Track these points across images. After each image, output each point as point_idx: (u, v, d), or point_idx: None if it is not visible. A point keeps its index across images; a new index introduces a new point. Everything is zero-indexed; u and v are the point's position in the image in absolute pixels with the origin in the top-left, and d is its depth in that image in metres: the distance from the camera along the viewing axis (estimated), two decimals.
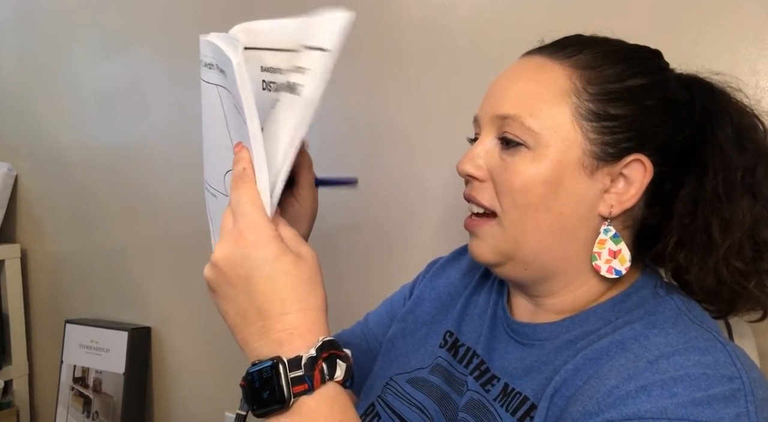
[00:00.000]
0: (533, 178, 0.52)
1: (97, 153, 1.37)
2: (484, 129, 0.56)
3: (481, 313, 0.64)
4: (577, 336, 0.53)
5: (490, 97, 0.57)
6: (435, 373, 0.62)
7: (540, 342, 0.56)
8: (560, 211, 0.53)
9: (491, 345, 0.60)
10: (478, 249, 0.57)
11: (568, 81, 0.53)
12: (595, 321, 0.54)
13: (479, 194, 0.56)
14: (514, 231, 0.54)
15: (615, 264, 0.53)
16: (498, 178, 0.54)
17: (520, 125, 0.53)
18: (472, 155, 0.56)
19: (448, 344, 0.64)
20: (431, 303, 0.71)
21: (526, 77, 0.55)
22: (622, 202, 0.53)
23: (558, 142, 0.52)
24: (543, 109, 0.53)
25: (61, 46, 1.41)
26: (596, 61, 0.54)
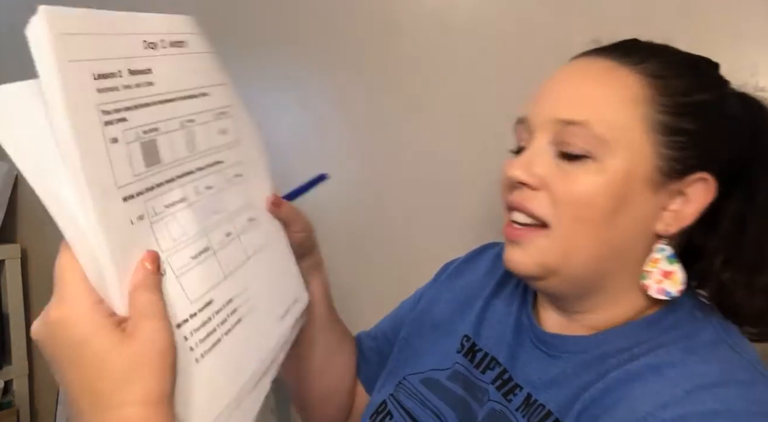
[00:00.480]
0: (599, 191, 0.48)
1: None
2: (537, 132, 0.52)
3: (502, 319, 0.62)
4: (607, 352, 0.51)
5: (547, 98, 0.53)
6: (453, 380, 0.60)
7: (568, 355, 0.53)
8: (620, 228, 0.49)
9: (515, 354, 0.58)
10: (520, 260, 0.52)
11: (640, 89, 0.49)
12: (628, 339, 0.51)
13: (531, 203, 0.51)
14: (566, 245, 0.50)
15: (666, 286, 0.50)
16: (556, 187, 0.50)
17: (588, 133, 0.48)
18: (525, 160, 0.51)
19: (465, 349, 0.62)
20: (447, 304, 0.68)
21: (593, 79, 0.51)
22: (680, 221, 0.50)
23: (628, 153, 0.48)
24: (614, 117, 0.49)
25: None
26: (665, 70, 0.50)
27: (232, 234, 0.48)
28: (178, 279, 0.40)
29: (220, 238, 0.46)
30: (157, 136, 0.40)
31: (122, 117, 0.37)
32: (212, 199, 0.46)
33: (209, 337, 0.42)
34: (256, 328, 0.48)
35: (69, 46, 0.34)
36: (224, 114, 0.49)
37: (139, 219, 0.38)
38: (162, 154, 0.41)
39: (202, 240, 0.43)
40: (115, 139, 0.36)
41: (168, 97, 0.42)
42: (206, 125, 0.46)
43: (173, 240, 0.41)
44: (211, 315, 0.42)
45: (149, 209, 0.39)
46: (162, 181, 0.41)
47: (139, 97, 0.39)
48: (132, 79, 0.38)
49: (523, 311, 0.60)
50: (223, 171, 0.48)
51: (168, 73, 0.42)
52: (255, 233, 0.51)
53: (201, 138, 0.45)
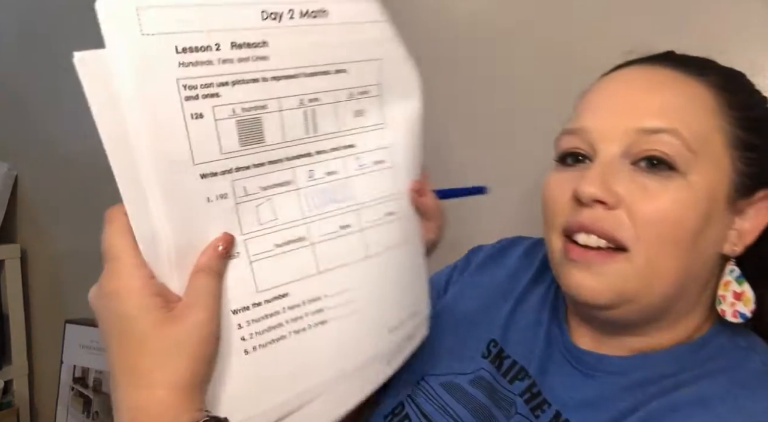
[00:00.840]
0: (687, 209, 0.44)
1: (97, 153, 1.36)
2: (604, 143, 0.47)
3: (532, 326, 0.58)
4: (648, 378, 0.47)
5: (615, 105, 0.48)
6: (477, 386, 0.56)
7: (603, 375, 0.50)
8: (701, 250, 0.46)
9: (544, 366, 0.54)
10: (595, 287, 0.46)
11: (713, 100, 0.46)
12: (672, 364, 0.47)
13: (609, 224, 0.45)
14: (651, 271, 0.45)
15: (739, 307, 0.47)
16: (638, 205, 0.45)
17: (678, 141, 0.44)
18: (600, 174, 0.46)
19: (491, 354, 0.58)
20: (472, 302, 0.64)
21: (666, 88, 0.47)
22: (743, 239, 0.47)
23: (712, 169, 0.45)
24: (699, 127, 0.45)
25: (61, 47, 1.41)
26: (727, 83, 0.48)
27: (352, 227, 0.44)
28: (251, 264, 0.39)
29: (330, 230, 0.42)
30: (262, 114, 0.38)
31: (213, 92, 0.36)
32: (334, 185, 0.43)
33: (270, 332, 0.39)
34: (348, 335, 0.44)
35: (144, 20, 0.33)
36: (365, 93, 0.44)
37: (221, 198, 0.37)
38: (267, 133, 0.38)
39: (297, 229, 0.41)
40: (199, 115, 0.35)
41: (286, 73, 0.38)
42: (336, 105, 0.42)
43: (259, 223, 0.39)
44: (281, 309, 0.40)
45: (238, 189, 0.38)
46: (262, 162, 0.39)
47: (243, 72, 0.36)
48: (235, 52, 0.36)
49: (554, 320, 0.57)
50: (355, 156, 0.44)
51: (291, 47, 0.38)
52: (389, 230, 0.46)
53: (327, 118, 0.41)
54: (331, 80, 0.41)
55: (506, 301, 0.61)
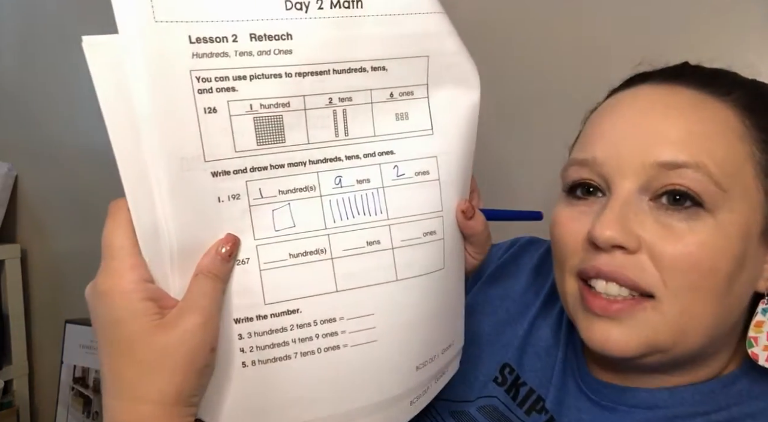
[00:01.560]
0: (718, 252, 0.39)
1: (97, 153, 1.37)
2: (620, 179, 0.41)
3: (549, 350, 0.52)
4: (677, 415, 0.43)
5: (629, 136, 0.42)
6: (488, 416, 0.51)
7: (626, 409, 0.45)
8: (738, 294, 0.41)
9: (561, 398, 0.49)
10: (623, 340, 0.41)
11: (741, 125, 0.41)
12: (702, 402, 0.43)
13: (634, 272, 0.40)
14: (684, 321, 0.40)
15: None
16: (662, 249, 0.40)
17: (703, 177, 0.39)
18: (614, 216, 0.40)
19: (507, 382, 0.52)
20: (484, 318, 0.58)
21: (687, 114, 0.41)
22: None
23: (744, 205, 0.40)
24: (726, 159, 0.40)
25: (61, 46, 1.41)
26: (753, 101, 0.43)
27: (381, 243, 0.39)
28: (260, 272, 0.36)
29: (356, 245, 0.38)
30: (284, 112, 0.35)
31: (229, 86, 0.33)
32: (364, 195, 0.38)
33: (273, 349, 0.36)
34: (363, 366, 0.39)
35: (157, 6, 0.31)
36: (409, 94, 0.39)
37: (233, 199, 0.35)
38: (289, 133, 0.35)
39: (317, 240, 0.37)
40: (212, 109, 0.33)
41: (313, 69, 0.35)
42: (373, 106, 0.38)
43: (275, 230, 0.36)
44: (288, 326, 0.36)
45: (252, 190, 0.35)
46: (282, 163, 0.36)
47: (263, 66, 0.34)
48: (255, 45, 0.33)
49: (571, 347, 0.51)
50: (393, 164, 0.39)
51: (319, 41, 0.35)
52: (426, 252, 0.40)
53: (361, 120, 0.37)
54: (366, 78, 0.37)
55: (522, 319, 0.56)
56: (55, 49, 1.42)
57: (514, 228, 0.82)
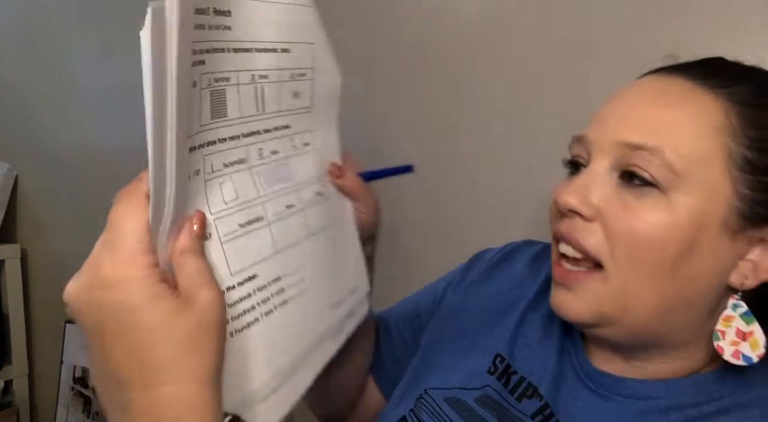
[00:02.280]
0: (666, 232, 0.42)
1: (97, 153, 1.37)
2: (598, 155, 0.46)
3: (542, 339, 0.55)
4: (670, 405, 0.45)
5: (614, 117, 0.46)
6: (484, 406, 0.53)
7: (621, 399, 0.47)
8: (690, 277, 0.43)
9: (557, 385, 0.51)
10: (572, 306, 0.46)
11: (723, 117, 0.43)
12: (695, 393, 0.45)
13: (584, 236, 0.44)
14: (626, 293, 0.43)
15: (744, 349, 0.43)
16: (614, 221, 0.43)
17: (659, 161, 0.42)
18: (580, 185, 0.45)
19: (498, 371, 0.55)
20: (476, 312, 0.61)
21: (669, 102, 0.45)
22: (759, 273, 0.43)
23: (703, 191, 0.42)
24: (690, 146, 0.42)
25: (61, 47, 1.41)
26: (757, 97, 0.44)
27: (295, 207, 0.44)
28: (222, 245, 0.37)
29: (279, 210, 0.42)
30: (226, 87, 0.36)
31: (202, 59, 0.33)
32: (277, 165, 0.42)
33: (245, 315, 0.38)
34: (302, 314, 0.43)
35: None
36: (302, 76, 0.44)
37: (195, 175, 0.35)
38: (229, 107, 0.37)
39: (255, 209, 0.40)
40: (194, 83, 0.33)
41: (244, 46, 0.37)
42: (279, 84, 0.41)
43: (224, 203, 0.37)
44: (252, 291, 0.39)
45: (207, 165, 0.36)
46: (225, 137, 0.37)
47: (218, 40, 0.34)
48: (215, 19, 0.34)
49: (568, 336, 0.54)
50: (290, 137, 0.44)
51: (249, 20, 0.37)
52: (321, 209, 0.47)
53: (271, 97, 0.40)
54: (278, 58, 0.40)
55: (513, 312, 0.59)
56: (55, 49, 1.42)
57: (515, 229, 0.82)
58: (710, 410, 0.44)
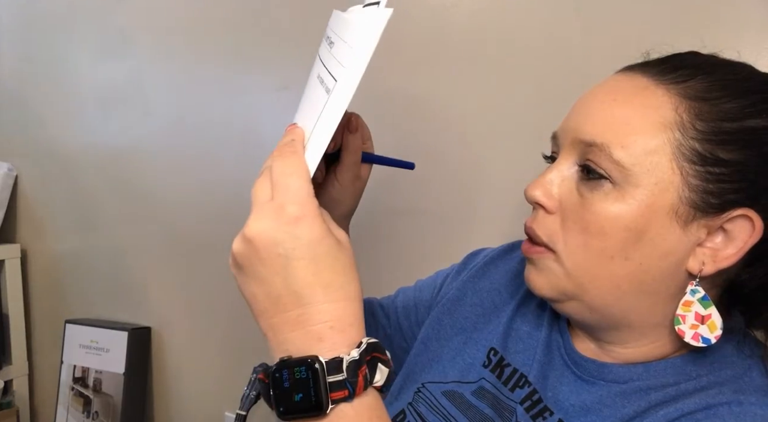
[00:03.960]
0: (614, 221, 0.45)
1: (97, 153, 1.37)
2: (564, 151, 0.49)
3: (532, 332, 0.58)
4: (650, 386, 0.48)
5: (575, 115, 0.50)
6: (480, 397, 0.56)
7: (604, 383, 0.50)
8: (641, 262, 0.46)
9: (545, 373, 0.54)
10: (536, 281, 0.51)
11: (672, 111, 0.45)
12: (674, 374, 0.48)
13: (540, 227, 0.49)
14: (579, 274, 0.47)
15: (703, 331, 0.45)
16: (570, 213, 0.48)
17: (607, 156, 0.45)
18: (544, 180, 0.49)
19: (492, 363, 0.58)
20: (472, 308, 0.64)
21: (620, 99, 0.47)
22: (718, 261, 0.45)
23: (650, 182, 0.44)
24: (637, 141, 0.45)
25: (61, 46, 1.41)
26: (711, 91, 0.45)
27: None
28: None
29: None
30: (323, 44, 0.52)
31: None
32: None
33: None
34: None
35: None
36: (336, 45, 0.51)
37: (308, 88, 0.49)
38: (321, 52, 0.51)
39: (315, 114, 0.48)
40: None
41: (326, 36, 0.51)
42: (332, 49, 0.50)
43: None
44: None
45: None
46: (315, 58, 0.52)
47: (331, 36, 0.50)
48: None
49: (555, 327, 0.57)
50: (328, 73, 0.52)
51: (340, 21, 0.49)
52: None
53: (331, 54, 0.50)
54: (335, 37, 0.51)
55: (506, 308, 0.61)
56: (55, 49, 1.42)
57: (514, 230, 0.82)
58: (688, 388, 0.46)
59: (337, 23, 0.50)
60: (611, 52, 0.61)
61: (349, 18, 0.47)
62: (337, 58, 0.46)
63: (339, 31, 0.49)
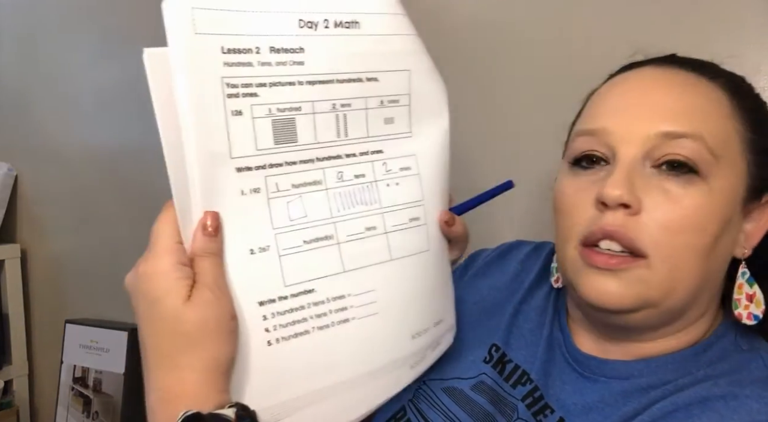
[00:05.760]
0: (709, 214, 0.44)
1: (97, 153, 1.37)
2: (624, 147, 0.46)
3: (534, 329, 0.58)
4: (651, 383, 0.47)
5: (633, 107, 0.47)
6: (479, 392, 0.56)
7: (605, 380, 0.50)
8: (720, 254, 0.46)
9: (547, 370, 0.53)
10: (619, 292, 0.45)
11: (729, 103, 0.46)
12: (674, 370, 0.48)
13: (632, 231, 0.44)
14: (673, 277, 0.44)
15: (753, 310, 0.47)
16: (659, 212, 0.44)
17: (701, 147, 0.44)
18: (624, 178, 0.44)
19: (494, 359, 0.57)
20: (473, 306, 0.63)
21: (687, 91, 0.46)
22: (750, 240, 0.48)
23: (731, 174, 0.45)
24: (720, 132, 0.45)
25: (61, 46, 1.41)
26: (736, 86, 0.48)
27: (377, 229, 0.45)
28: (280, 258, 0.40)
29: (357, 231, 0.44)
30: (296, 116, 0.40)
31: (252, 92, 0.38)
32: (362, 188, 0.44)
33: (294, 325, 0.41)
34: (368, 336, 0.44)
35: (198, 20, 0.36)
36: (395, 102, 0.45)
37: (254, 192, 0.39)
38: (300, 133, 0.41)
39: (325, 228, 0.42)
40: (238, 112, 0.38)
41: (320, 79, 0.41)
42: (367, 111, 0.44)
43: (290, 219, 0.41)
44: (306, 304, 0.41)
45: (270, 184, 0.40)
46: (294, 161, 0.41)
47: (281, 75, 0.39)
48: (274, 56, 0.39)
49: (556, 324, 0.56)
50: (383, 161, 0.45)
51: (326, 54, 0.41)
52: (413, 235, 0.47)
53: (357, 123, 0.43)
54: (362, 87, 0.43)
55: (508, 305, 0.61)
56: (56, 49, 1.42)
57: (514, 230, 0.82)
58: (685, 382, 0.46)
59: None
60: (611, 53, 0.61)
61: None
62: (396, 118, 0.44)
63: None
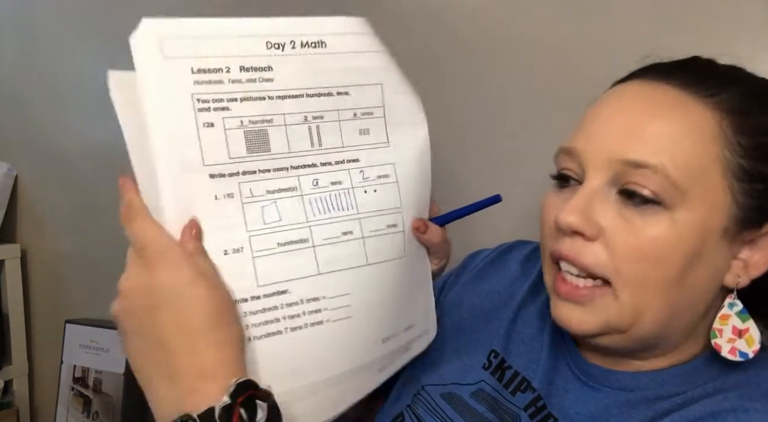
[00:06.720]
0: (674, 248, 0.42)
1: (97, 153, 1.37)
2: (592, 170, 0.45)
3: (535, 335, 0.56)
4: (657, 395, 0.46)
5: (605, 129, 0.45)
6: (478, 399, 0.55)
7: (610, 390, 0.49)
8: (692, 285, 0.44)
9: (550, 378, 0.52)
10: (582, 320, 0.45)
11: (717, 127, 0.43)
12: (681, 383, 0.47)
13: (586, 256, 0.44)
14: (636, 306, 0.44)
15: (740, 345, 0.44)
16: (618, 240, 0.43)
17: (663, 179, 0.42)
18: (581, 203, 0.44)
19: (492, 366, 0.56)
20: (470, 310, 0.62)
21: (661, 114, 0.44)
22: (749, 271, 0.45)
23: (705, 205, 0.42)
24: (690, 162, 0.42)
25: (62, 46, 1.41)
26: (745, 104, 0.44)
27: (353, 234, 0.46)
28: (253, 259, 0.42)
29: (332, 235, 0.45)
30: (269, 127, 0.43)
31: (223, 106, 0.42)
32: (337, 194, 0.46)
33: (266, 325, 0.42)
34: (340, 339, 0.46)
35: (166, 47, 0.40)
36: (369, 114, 0.48)
37: (228, 197, 0.42)
38: (273, 143, 0.44)
39: (300, 231, 0.44)
40: (210, 124, 0.41)
41: (289, 94, 0.44)
42: (340, 123, 0.47)
43: (263, 223, 0.43)
44: (279, 304, 0.43)
45: (244, 190, 0.42)
46: (268, 168, 0.43)
47: (250, 90, 0.43)
48: (244, 74, 0.42)
49: (558, 332, 0.55)
50: (360, 170, 0.48)
51: (293, 72, 0.44)
52: (390, 242, 0.49)
53: (330, 135, 0.46)
54: (334, 101, 0.46)
55: (507, 309, 0.60)
56: (56, 49, 1.42)
57: (514, 231, 0.82)
58: (693, 395, 0.45)
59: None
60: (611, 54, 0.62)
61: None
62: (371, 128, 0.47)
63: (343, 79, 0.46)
